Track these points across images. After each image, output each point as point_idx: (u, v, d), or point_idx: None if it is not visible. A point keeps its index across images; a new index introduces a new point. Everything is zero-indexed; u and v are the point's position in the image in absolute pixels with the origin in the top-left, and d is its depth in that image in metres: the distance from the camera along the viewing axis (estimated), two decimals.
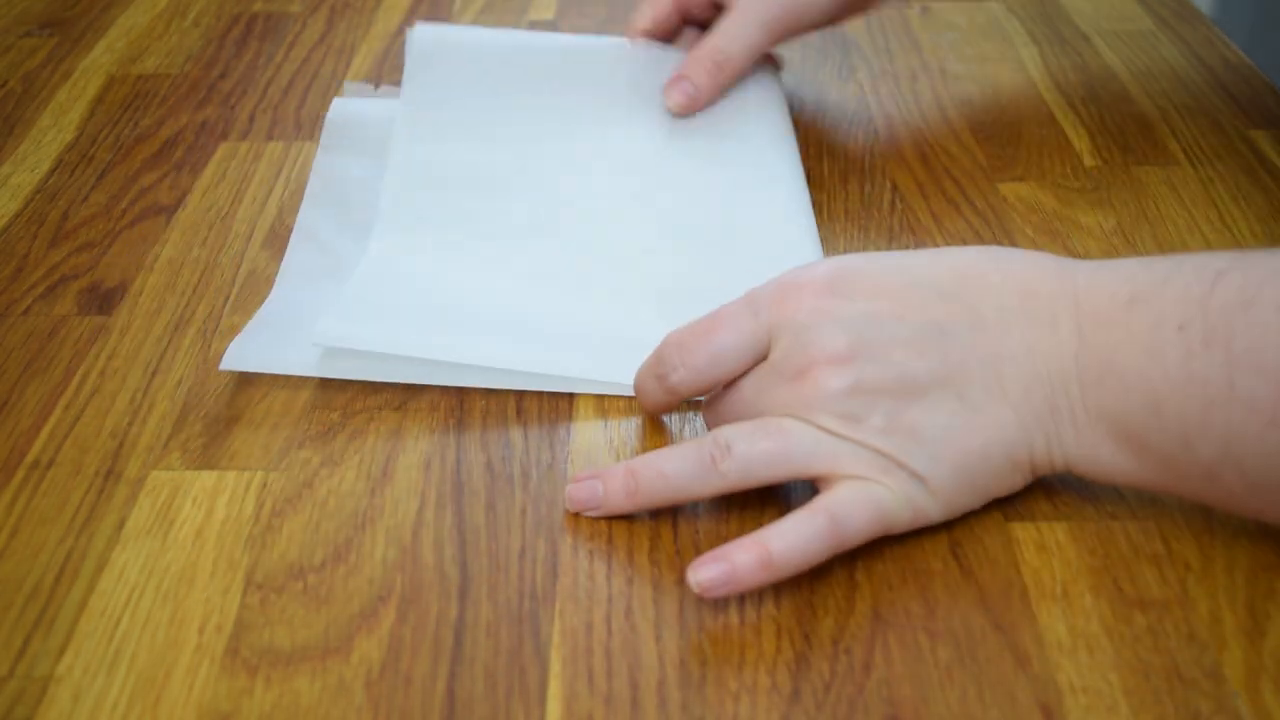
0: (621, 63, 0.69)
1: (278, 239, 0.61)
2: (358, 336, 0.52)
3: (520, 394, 0.51)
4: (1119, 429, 0.42)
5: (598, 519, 0.46)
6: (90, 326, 0.56)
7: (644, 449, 0.49)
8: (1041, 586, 0.43)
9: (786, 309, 0.45)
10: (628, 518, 0.46)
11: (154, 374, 0.53)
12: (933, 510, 0.43)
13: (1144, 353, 0.42)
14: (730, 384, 0.46)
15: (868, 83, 0.75)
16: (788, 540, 0.42)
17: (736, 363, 0.46)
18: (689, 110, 0.65)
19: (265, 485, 0.47)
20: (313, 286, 0.56)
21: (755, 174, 0.62)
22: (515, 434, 0.50)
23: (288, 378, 0.52)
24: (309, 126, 0.72)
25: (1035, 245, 0.60)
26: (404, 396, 0.51)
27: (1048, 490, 0.46)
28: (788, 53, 0.78)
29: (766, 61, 0.70)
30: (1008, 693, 0.39)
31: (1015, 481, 0.44)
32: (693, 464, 0.44)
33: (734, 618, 0.42)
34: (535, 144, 0.64)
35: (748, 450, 0.43)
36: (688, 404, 0.50)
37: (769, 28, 0.66)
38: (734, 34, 0.65)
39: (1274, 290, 0.40)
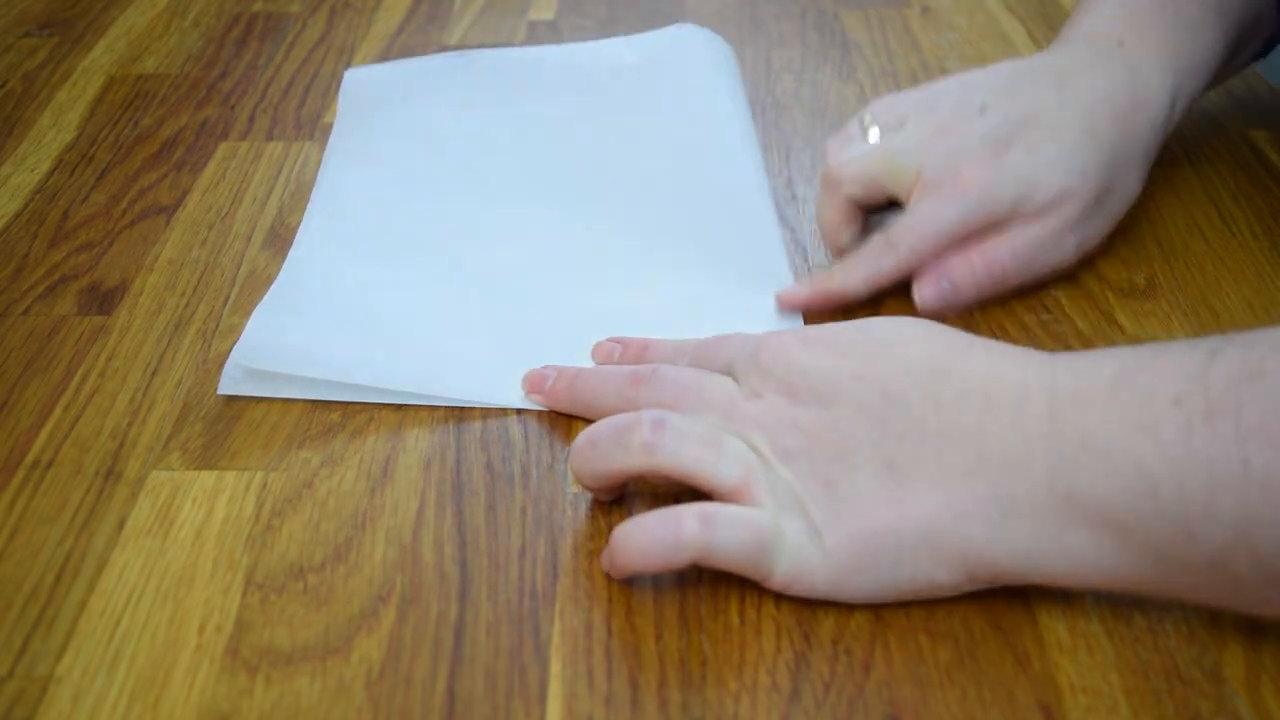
0: (555, 77, 0.69)
1: (278, 239, 0.61)
2: (274, 358, 0.51)
3: None
4: (1099, 516, 0.38)
5: (598, 520, 0.46)
6: (90, 326, 0.56)
7: None
8: (1041, 586, 0.43)
9: (758, 346, 0.45)
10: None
11: (154, 374, 0.53)
12: (819, 573, 0.41)
13: (1133, 430, 0.38)
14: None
15: (868, 83, 0.75)
16: (648, 534, 0.41)
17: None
18: (938, 311, 0.54)
19: (265, 485, 0.47)
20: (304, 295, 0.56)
21: (708, 199, 0.59)
22: (515, 434, 0.50)
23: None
24: (309, 126, 0.72)
25: None
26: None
27: None
28: (787, 52, 0.78)
29: (720, 57, 0.69)
30: (1008, 693, 0.39)
31: (937, 576, 0.41)
32: (622, 425, 0.44)
33: (734, 618, 0.42)
34: (465, 174, 0.64)
35: (678, 435, 0.43)
36: None
37: (1076, 250, 0.56)
38: (1032, 252, 0.54)
39: (1278, 362, 0.37)
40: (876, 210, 0.58)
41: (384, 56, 0.79)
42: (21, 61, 0.79)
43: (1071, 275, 0.57)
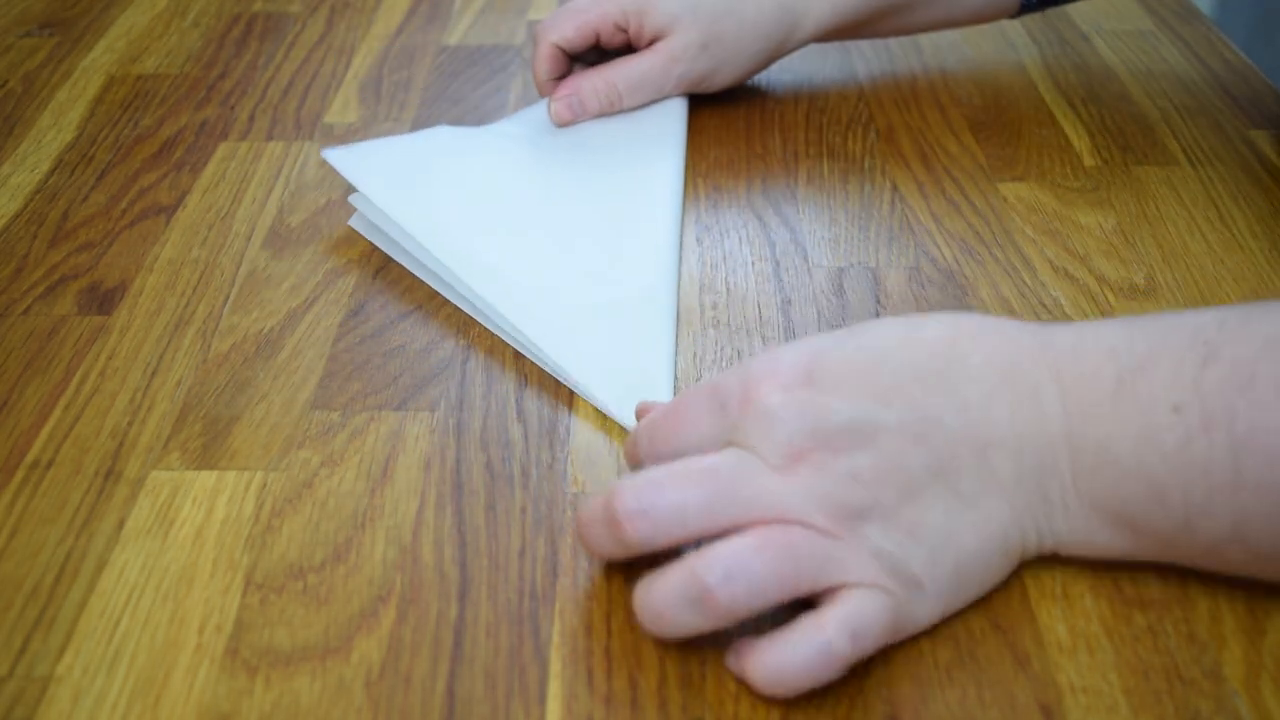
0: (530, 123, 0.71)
1: (278, 239, 0.61)
2: (367, 181, 0.60)
3: (520, 393, 0.52)
4: (1115, 514, 0.41)
5: None
6: (90, 326, 0.56)
7: None
8: (1041, 586, 0.43)
9: (759, 400, 0.41)
10: None
11: (154, 374, 0.53)
12: (924, 616, 0.41)
13: (1138, 439, 0.40)
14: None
15: (868, 83, 0.75)
16: (797, 656, 0.38)
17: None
18: (569, 122, 0.69)
19: (265, 485, 0.47)
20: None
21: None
22: (515, 434, 0.50)
23: (288, 377, 0.52)
24: (309, 126, 0.72)
25: (1035, 245, 0.60)
26: (404, 396, 0.52)
27: None
28: None
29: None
30: (1008, 693, 0.39)
31: (1005, 573, 0.42)
32: (683, 599, 0.39)
33: None
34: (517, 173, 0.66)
35: (753, 575, 0.38)
36: None
37: (677, 83, 0.69)
38: (640, 81, 0.68)
39: (1270, 366, 0.39)
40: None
41: (384, 57, 0.79)
42: (21, 61, 0.80)
43: (1071, 275, 0.58)
